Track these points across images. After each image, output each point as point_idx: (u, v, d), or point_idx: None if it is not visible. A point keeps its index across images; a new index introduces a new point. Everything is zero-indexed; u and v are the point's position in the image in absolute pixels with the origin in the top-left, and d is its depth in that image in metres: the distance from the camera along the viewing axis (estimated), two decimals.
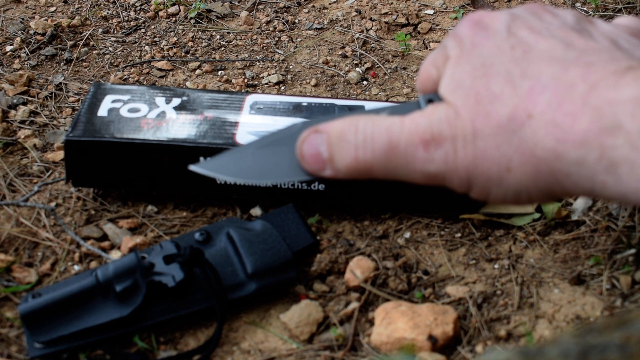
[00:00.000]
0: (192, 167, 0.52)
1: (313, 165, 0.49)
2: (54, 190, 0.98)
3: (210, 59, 1.24)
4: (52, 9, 1.36)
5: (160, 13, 1.35)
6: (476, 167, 0.46)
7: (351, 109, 0.95)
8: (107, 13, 1.34)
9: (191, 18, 1.33)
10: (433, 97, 0.50)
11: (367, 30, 1.29)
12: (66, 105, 1.13)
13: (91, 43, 1.27)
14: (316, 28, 1.31)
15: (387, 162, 0.48)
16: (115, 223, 0.94)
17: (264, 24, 1.32)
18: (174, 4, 1.35)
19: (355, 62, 1.22)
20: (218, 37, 1.29)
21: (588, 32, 0.48)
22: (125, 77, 1.20)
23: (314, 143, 0.49)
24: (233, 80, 1.19)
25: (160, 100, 0.96)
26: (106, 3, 1.37)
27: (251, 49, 1.26)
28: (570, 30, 0.48)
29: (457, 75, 0.48)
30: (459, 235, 0.92)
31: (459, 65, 0.48)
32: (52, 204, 0.96)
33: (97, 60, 1.24)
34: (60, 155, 1.02)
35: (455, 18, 1.31)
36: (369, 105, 0.96)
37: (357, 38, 1.27)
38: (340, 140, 0.49)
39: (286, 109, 0.95)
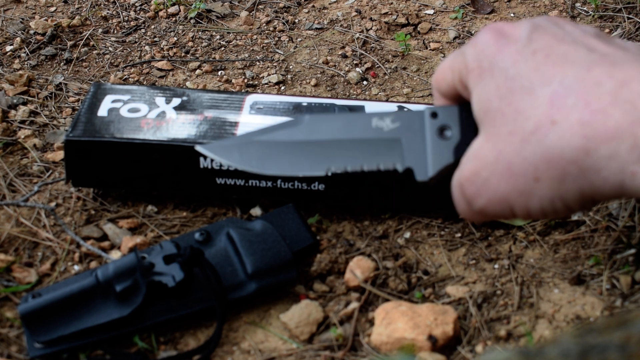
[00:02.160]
0: (199, 148, 0.53)
1: (470, 194, 0.52)
2: (54, 190, 0.98)
3: (210, 59, 1.24)
4: (52, 9, 1.36)
5: (160, 13, 1.35)
6: (507, 186, 0.48)
7: (351, 109, 0.95)
8: (107, 13, 1.34)
9: (191, 18, 1.33)
10: (437, 109, 0.52)
11: (367, 30, 1.29)
12: (66, 105, 1.13)
13: (91, 43, 1.27)
14: (316, 28, 1.31)
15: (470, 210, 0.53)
16: (115, 223, 0.94)
17: (264, 24, 1.32)
18: (174, 4, 1.35)
19: (355, 62, 1.22)
20: (218, 37, 1.29)
21: (609, 40, 0.50)
22: (125, 77, 1.20)
23: (473, 173, 0.52)
24: (233, 80, 1.19)
25: (160, 100, 0.96)
26: (106, 3, 1.37)
27: (251, 49, 1.26)
28: (592, 37, 0.49)
29: (484, 96, 0.50)
30: (459, 235, 0.92)
31: (484, 83, 0.50)
32: (52, 204, 0.96)
33: (97, 60, 1.24)
34: (60, 155, 1.02)
35: (455, 18, 1.31)
36: (369, 105, 0.96)
37: (357, 38, 1.27)
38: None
39: (286, 109, 0.95)
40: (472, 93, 0.51)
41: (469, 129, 0.51)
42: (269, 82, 1.18)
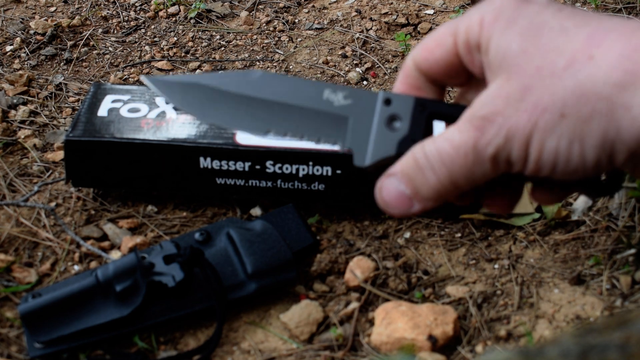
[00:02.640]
0: (142, 77, 0.52)
1: (400, 207, 0.49)
2: (54, 190, 0.98)
3: (210, 59, 1.24)
4: (52, 9, 1.36)
5: (160, 13, 1.35)
6: (529, 121, 0.45)
7: None
8: (107, 13, 1.34)
9: (191, 18, 1.33)
10: (392, 96, 0.49)
11: (367, 30, 1.29)
12: (66, 105, 1.13)
13: (91, 43, 1.27)
14: (316, 28, 1.31)
15: (463, 167, 0.48)
16: (115, 223, 0.94)
17: (264, 24, 1.32)
18: (174, 4, 1.35)
19: (355, 62, 1.22)
20: (218, 37, 1.29)
21: None
22: (125, 77, 1.20)
23: (392, 186, 0.49)
24: None
25: (160, 100, 0.96)
26: (106, 3, 1.37)
27: (251, 49, 1.26)
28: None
29: (506, 41, 0.47)
30: (459, 235, 0.92)
31: (505, 30, 0.47)
32: (52, 204, 0.96)
33: (97, 60, 1.24)
34: (60, 155, 1.02)
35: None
36: None
37: (357, 38, 1.27)
38: (416, 170, 0.49)
39: None
40: (489, 43, 0.48)
41: (420, 125, 0.49)
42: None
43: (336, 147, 0.49)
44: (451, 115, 0.49)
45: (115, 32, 1.30)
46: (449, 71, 0.51)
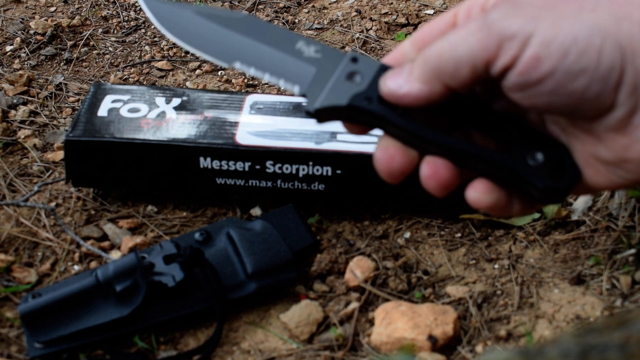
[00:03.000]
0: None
1: (392, 85, 0.47)
2: (54, 190, 0.98)
3: None
4: (52, 9, 1.36)
5: None
6: (549, 3, 0.43)
7: None
8: (107, 13, 1.34)
9: None
10: (360, 57, 0.50)
11: (367, 30, 1.29)
12: (66, 105, 1.13)
13: (91, 43, 1.27)
14: (316, 28, 1.31)
15: (458, 40, 0.45)
16: (115, 223, 0.94)
17: None
18: None
19: None
20: None
21: None
22: (125, 77, 1.20)
23: (397, 69, 0.48)
24: (233, 80, 1.19)
25: (160, 100, 0.96)
26: (106, 3, 1.37)
27: None
28: None
29: None
30: (459, 235, 0.92)
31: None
32: (52, 204, 0.96)
33: (97, 60, 1.24)
34: (60, 155, 1.02)
35: None
36: None
37: (357, 38, 1.27)
38: (421, 56, 0.47)
39: (286, 109, 0.95)
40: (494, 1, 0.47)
41: (377, 88, 0.48)
42: (269, 82, 1.18)
43: (295, 90, 0.50)
44: None
45: (115, 32, 1.30)
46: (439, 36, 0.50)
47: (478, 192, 0.47)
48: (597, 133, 0.45)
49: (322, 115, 0.49)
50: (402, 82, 0.47)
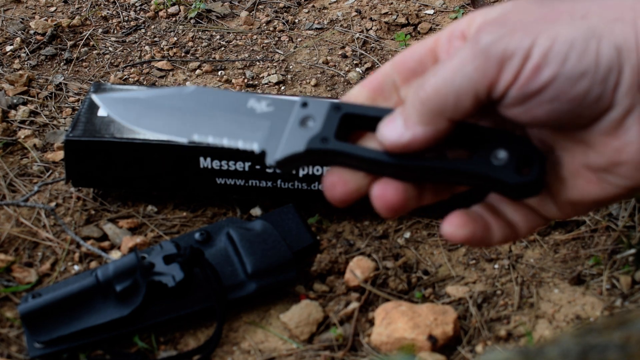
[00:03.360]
0: (93, 96, 0.56)
1: (393, 138, 0.47)
2: (54, 190, 0.98)
3: (210, 59, 1.24)
4: (52, 9, 1.36)
5: (160, 13, 1.35)
6: (542, 18, 0.43)
7: None
8: (107, 13, 1.34)
9: (191, 18, 1.33)
10: (309, 101, 0.50)
11: (367, 30, 1.29)
12: (66, 105, 1.13)
13: (91, 43, 1.27)
14: (316, 28, 1.31)
15: (456, 72, 0.45)
16: (115, 223, 0.94)
17: (264, 24, 1.32)
18: (174, 4, 1.35)
19: (355, 62, 1.22)
20: (218, 37, 1.29)
21: None
22: (125, 77, 1.20)
23: (390, 120, 0.47)
24: (233, 80, 1.19)
25: None
26: (106, 3, 1.37)
27: (251, 49, 1.26)
28: None
29: (493, 13, 0.46)
30: None
31: (490, 10, 0.46)
32: (52, 204, 0.96)
33: (97, 60, 1.24)
34: (60, 155, 1.02)
35: (455, 18, 1.31)
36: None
37: (357, 38, 1.27)
38: (413, 99, 0.46)
39: None
40: (475, 25, 0.47)
41: (332, 125, 0.49)
42: (269, 82, 1.18)
43: (254, 148, 0.51)
44: (366, 115, 0.49)
45: (115, 32, 1.30)
46: (420, 64, 0.50)
47: (452, 227, 0.47)
48: (588, 139, 0.45)
49: (283, 165, 0.50)
50: (401, 131, 0.46)
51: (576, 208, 0.47)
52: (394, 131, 0.47)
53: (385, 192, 0.48)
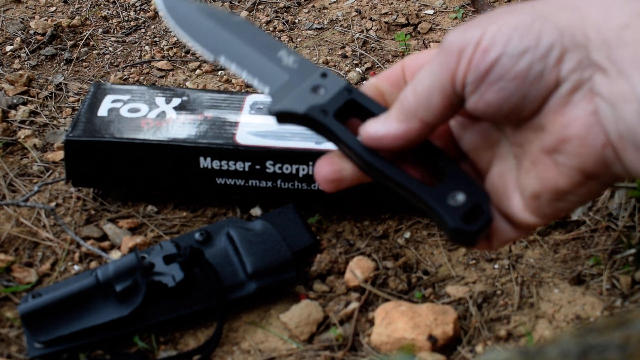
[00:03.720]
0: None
1: (371, 131, 0.50)
2: (54, 190, 0.98)
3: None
4: (52, 9, 1.36)
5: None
6: (504, 12, 0.46)
7: None
8: (107, 13, 1.34)
9: None
10: (329, 73, 0.53)
11: (367, 30, 1.29)
12: (66, 105, 1.13)
13: (91, 43, 1.27)
14: (316, 28, 1.31)
15: (422, 81, 0.48)
16: (115, 223, 0.94)
17: (264, 24, 1.32)
18: None
19: (355, 62, 1.22)
20: None
21: None
22: (125, 77, 1.20)
23: (377, 117, 0.51)
24: (233, 80, 1.19)
25: (160, 100, 0.96)
26: (106, 3, 1.37)
27: None
28: None
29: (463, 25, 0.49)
30: None
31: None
32: (52, 204, 0.96)
33: (97, 60, 1.24)
34: (60, 155, 1.02)
35: (455, 18, 1.31)
36: None
37: (357, 38, 1.27)
38: (394, 104, 0.50)
39: None
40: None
41: (338, 103, 0.52)
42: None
43: (265, 90, 0.54)
44: (368, 108, 0.52)
45: (115, 32, 1.30)
46: (393, 82, 0.54)
47: None
48: (541, 122, 0.46)
49: (281, 117, 0.53)
50: (379, 126, 0.50)
51: (540, 204, 0.48)
52: (373, 126, 0.50)
53: (321, 164, 0.52)
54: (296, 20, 1.33)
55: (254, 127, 0.92)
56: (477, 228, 0.48)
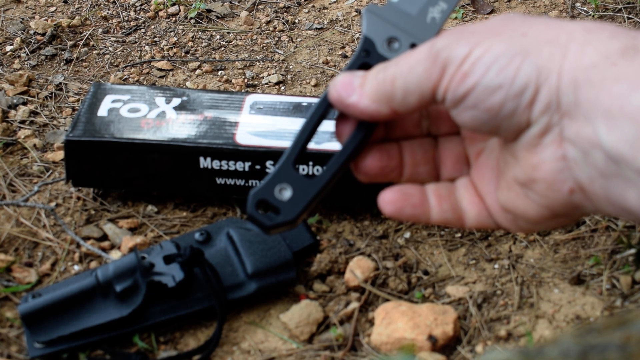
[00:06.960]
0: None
1: (342, 91, 0.50)
2: (54, 190, 0.98)
3: (210, 59, 1.24)
4: (52, 9, 1.36)
5: (160, 13, 1.35)
6: (488, 30, 0.46)
7: None
8: (107, 13, 1.34)
9: (191, 18, 1.33)
10: (418, 44, 0.52)
11: None
12: (66, 105, 1.13)
13: (91, 43, 1.27)
14: (316, 28, 1.31)
15: (408, 67, 0.48)
16: (115, 223, 0.94)
17: (264, 24, 1.32)
18: (174, 4, 1.35)
19: None
20: (218, 37, 1.29)
21: None
22: (125, 77, 1.20)
23: (349, 77, 0.50)
24: (233, 80, 1.19)
25: (160, 100, 0.96)
26: (106, 3, 1.37)
27: (251, 49, 1.26)
28: None
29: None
30: (459, 235, 0.92)
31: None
32: (52, 204, 0.96)
33: (97, 60, 1.24)
34: (60, 155, 1.02)
35: (455, 18, 1.31)
36: None
37: (357, 38, 1.27)
38: (374, 74, 0.50)
39: (286, 109, 0.95)
40: None
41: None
42: (269, 82, 1.18)
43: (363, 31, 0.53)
44: None
45: (115, 32, 1.30)
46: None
47: (383, 202, 0.51)
48: (514, 152, 0.47)
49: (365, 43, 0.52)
50: (351, 92, 0.49)
51: (515, 220, 0.49)
52: (345, 89, 0.50)
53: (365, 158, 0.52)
54: (296, 20, 1.33)
55: (254, 127, 0.92)
56: (272, 223, 0.50)
